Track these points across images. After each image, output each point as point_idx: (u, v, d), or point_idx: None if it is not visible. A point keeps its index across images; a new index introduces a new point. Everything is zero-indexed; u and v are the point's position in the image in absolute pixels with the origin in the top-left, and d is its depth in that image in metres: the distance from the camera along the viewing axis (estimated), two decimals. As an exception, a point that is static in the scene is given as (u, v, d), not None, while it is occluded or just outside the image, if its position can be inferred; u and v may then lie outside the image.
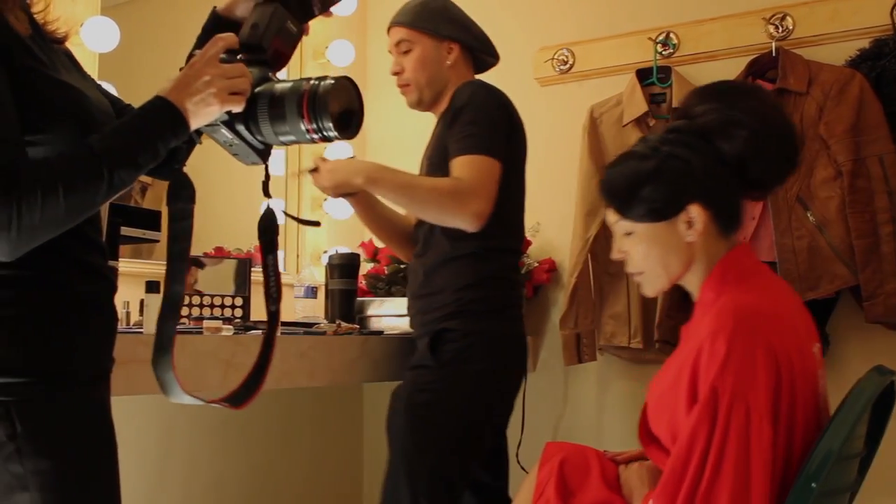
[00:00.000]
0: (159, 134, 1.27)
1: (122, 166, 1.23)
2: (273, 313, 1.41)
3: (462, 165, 2.10)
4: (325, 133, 1.33)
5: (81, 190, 1.19)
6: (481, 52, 2.36)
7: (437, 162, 2.21)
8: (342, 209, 3.16)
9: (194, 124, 1.30)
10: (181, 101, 1.28)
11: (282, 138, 1.37)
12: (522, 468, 2.34)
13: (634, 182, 1.66)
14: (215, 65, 1.30)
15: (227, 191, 2.97)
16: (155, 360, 1.32)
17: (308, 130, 1.33)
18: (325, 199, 3.16)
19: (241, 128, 1.36)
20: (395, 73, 2.34)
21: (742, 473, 1.43)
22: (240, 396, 1.37)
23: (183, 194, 1.36)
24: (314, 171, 2.24)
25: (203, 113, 1.30)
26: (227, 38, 1.33)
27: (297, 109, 1.32)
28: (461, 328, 2.14)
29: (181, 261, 1.36)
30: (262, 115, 1.34)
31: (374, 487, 3.25)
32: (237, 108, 1.33)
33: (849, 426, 1.48)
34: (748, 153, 1.62)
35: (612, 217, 1.72)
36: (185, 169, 1.44)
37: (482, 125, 2.13)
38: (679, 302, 2.64)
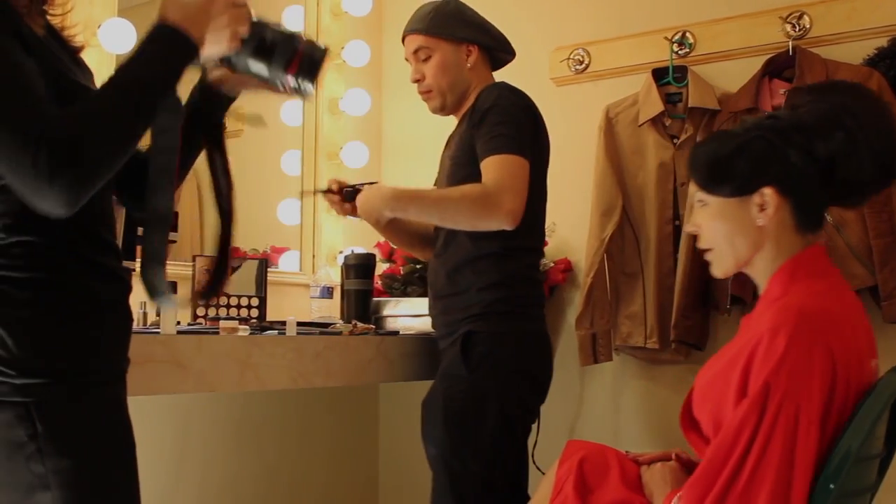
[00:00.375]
0: (180, 63, 1.27)
1: (153, 96, 1.23)
2: (226, 211, 1.43)
3: (492, 165, 2.11)
4: (300, 91, 1.41)
5: (120, 126, 1.19)
6: (498, 50, 2.37)
7: (462, 160, 2.22)
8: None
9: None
10: (197, 35, 1.28)
11: (251, 71, 1.41)
12: (538, 468, 2.33)
13: (717, 155, 1.66)
14: (231, 6, 1.32)
15: (242, 191, 2.97)
16: (145, 268, 1.31)
17: (285, 82, 1.39)
18: (341, 200, 3.16)
19: None
20: (416, 81, 2.35)
21: (784, 475, 1.42)
22: (207, 294, 1.42)
23: (168, 107, 1.34)
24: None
25: (212, 51, 1.32)
26: None
27: (286, 63, 1.38)
28: (487, 329, 2.15)
29: (164, 173, 1.34)
30: (245, 50, 1.37)
31: (389, 488, 3.25)
32: (234, 48, 1.35)
33: (867, 427, 1.47)
34: (840, 155, 1.59)
35: (692, 188, 1.72)
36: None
37: (510, 125, 2.14)
38: (695, 302, 2.63)
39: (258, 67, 1.39)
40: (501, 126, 2.14)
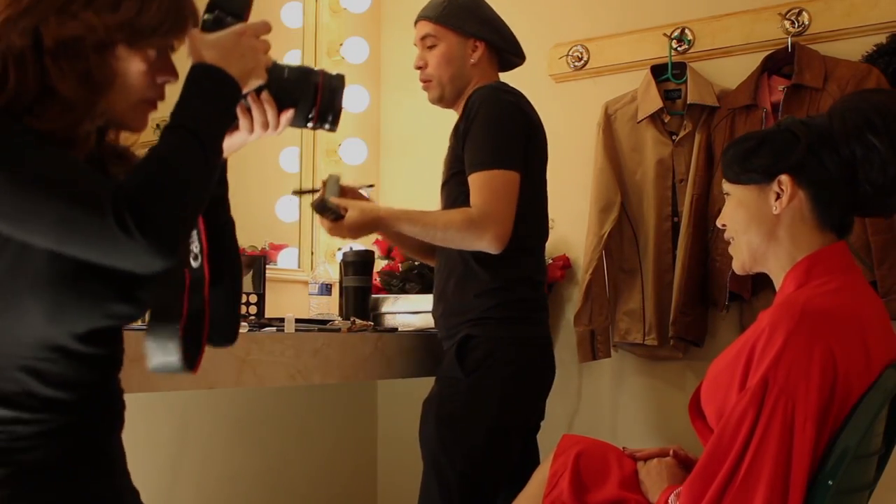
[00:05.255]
0: (229, 102, 1.23)
1: (214, 130, 1.19)
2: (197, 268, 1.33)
3: (477, 185, 2.11)
4: (323, 126, 1.37)
5: (189, 163, 1.14)
6: (507, 52, 2.35)
7: (455, 171, 2.22)
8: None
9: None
10: (235, 73, 1.23)
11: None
12: (536, 465, 2.33)
13: (743, 147, 1.68)
14: (255, 38, 1.27)
15: (242, 189, 2.97)
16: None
17: (311, 119, 1.36)
18: (340, 197, 3.16)
19: None
20: (419, 68, 2.33)
21: (781, 471, 1.42)
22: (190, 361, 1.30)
23: None
24: (335, 219, 2.15)
25: (248, 86, 1.27)
26: (270, 26, 1.31)
27: (312, 97, 1.35)
28: (484, 334, 2.14)
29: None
30: (265, 94, 1.33)
31: (388, 484, 3.25)
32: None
33: (866, 424, 1.47)
34: (862, 154, 1.58)
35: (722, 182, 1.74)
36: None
37: (496, 136, 2.12)
38: (694, 298, 2.63)
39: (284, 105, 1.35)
40: (487, 137, 2.12)
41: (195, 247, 1.29)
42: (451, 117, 2.37)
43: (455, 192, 2.21)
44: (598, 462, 1.79)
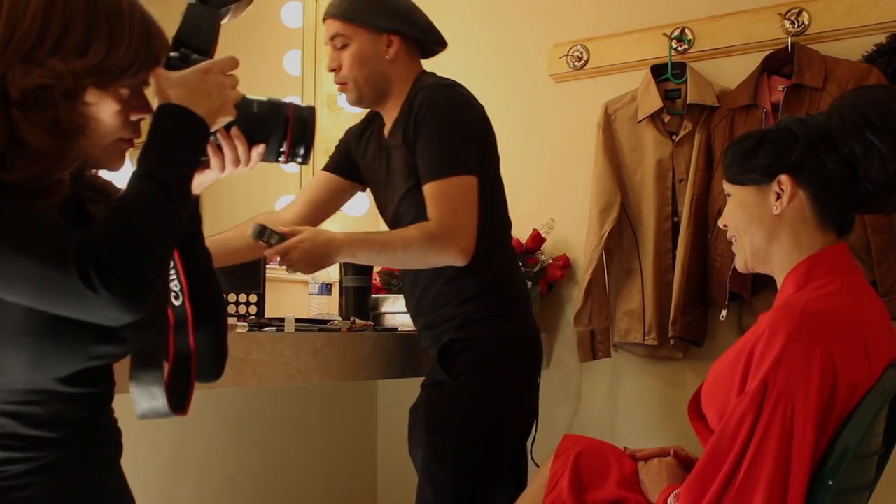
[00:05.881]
0: (196, 141, 1.20)
1: (181, 173, 1.17)
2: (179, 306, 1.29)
3: (433, 197, 2.01)
4: (295, 159, 1.36)
5: (157, 213, 1.11)
6: (426, 41, 2.20)
7: (413, 182, 2.10)
8: (357, 206, 3.16)
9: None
10: (202, 112, 1.20)
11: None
12: (536, 464, 2.33)
13: (743, 147, 1.67)
14: (222, 75, 1.25)
15: (243, 188, 2.97)
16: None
17: (283, 153, 1.35)
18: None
19: None
20: (332, 70, 2.18)
21: (780, 475, 1.42)
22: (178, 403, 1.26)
23: None
24: (282, 255, 2.01)
25: (215, 124, 1.25)
26: (237, 61, 1.28)
27: (283, 131, 1.34)
28: (468, 337, 2.11)
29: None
30: (235, 130, 1.31)
31: (387, 484, 3.25)
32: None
33: (866, 424, 1.47)
34: (861, 152, 1.57)
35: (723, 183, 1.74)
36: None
37: (446, 139, 2.03)
38: (694, 298, 2.63)
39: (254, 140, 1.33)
40: (438, 142, 2.02)
41: (175, 285, 1.25)
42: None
43: (419, 204, 2.09)
44: (598, 462, 1.79)
